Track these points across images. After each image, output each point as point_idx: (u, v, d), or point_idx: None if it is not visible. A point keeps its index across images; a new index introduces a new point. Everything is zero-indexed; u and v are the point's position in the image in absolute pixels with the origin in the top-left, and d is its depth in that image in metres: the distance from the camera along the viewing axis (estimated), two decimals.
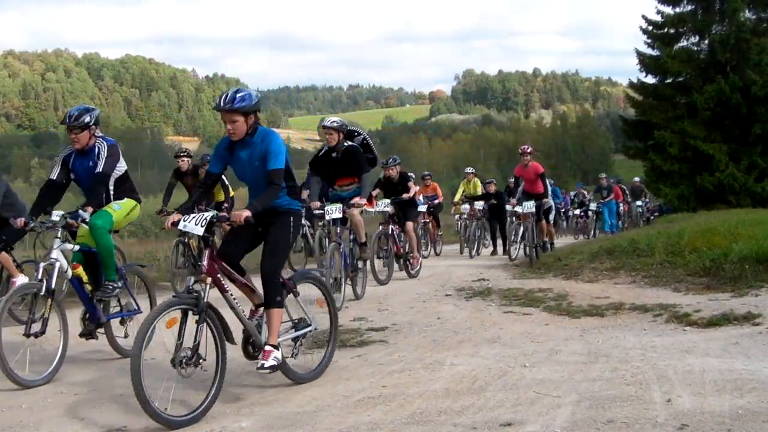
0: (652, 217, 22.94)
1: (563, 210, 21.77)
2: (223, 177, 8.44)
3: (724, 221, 10.90)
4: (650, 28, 25.14)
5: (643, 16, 25.15)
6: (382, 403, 3.95)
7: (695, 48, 24.98)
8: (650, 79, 25.68)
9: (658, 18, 24.97)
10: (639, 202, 22.09)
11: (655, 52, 25.16)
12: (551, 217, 13.36)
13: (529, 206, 11.03)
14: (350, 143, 7.69)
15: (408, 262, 10.07)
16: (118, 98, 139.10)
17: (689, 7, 24.77)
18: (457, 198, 15.95)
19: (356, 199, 7.52)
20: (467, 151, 76.71)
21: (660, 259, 8.60)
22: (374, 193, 9.82)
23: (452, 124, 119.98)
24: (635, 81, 26.29)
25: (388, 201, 9.75)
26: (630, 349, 4.96)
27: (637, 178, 24.09)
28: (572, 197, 22.38)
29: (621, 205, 20.26)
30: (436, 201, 15.08)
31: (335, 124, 7.64)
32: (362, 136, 7.97)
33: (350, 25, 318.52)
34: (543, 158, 75.94)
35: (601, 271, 8.86)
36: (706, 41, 24.48)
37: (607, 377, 4.24)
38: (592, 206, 19.34)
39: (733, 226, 9.58)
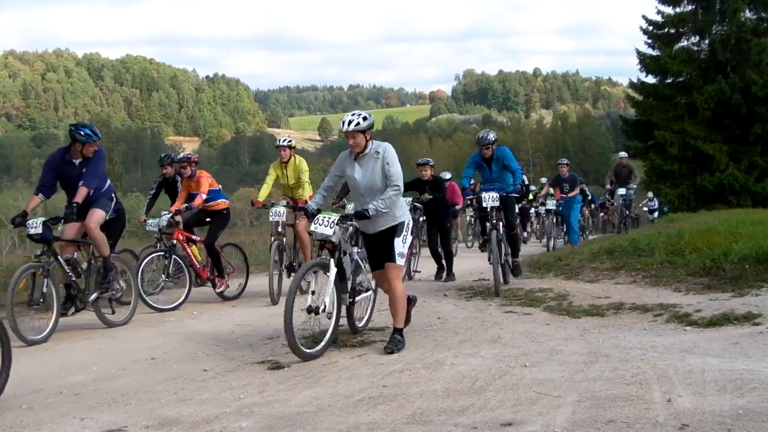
0: (652, 217, 20.41)
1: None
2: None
3: (724, 221, 10.90)
4: (650, 28, 25.17)
5: (644, 16, 25.21)
6: (382, 403, 3.95)
7: (695, 48, 25.02)
8: (650, 79, 25.74)
9: (659, 18, 25.02)
10: (621, 191, 14.97)
11: (655, 52, 25.21)
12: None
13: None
14: None
15: None
16: (119, 98, 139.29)
17: (689, 7, 24.81)
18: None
19: None
20: (468, 151, 76.60)
21: (660, 259, 8.60)
22: None
23: (453, 124, 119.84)
24: (635, 81, 26.33)
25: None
26: (630, 349, 4.96)
27: (623, 154, 16.88)
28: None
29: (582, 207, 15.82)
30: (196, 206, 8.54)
31: None
32: None
33: (351, 25, 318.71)
34: (544, 158, 76.18)
35: (601, 271, 8.86)
36: (707, 41, 24.51)
37: (607, 377, 4.23)
38: (549, 205, 14.05)
39: (733, 226, 9.57)
